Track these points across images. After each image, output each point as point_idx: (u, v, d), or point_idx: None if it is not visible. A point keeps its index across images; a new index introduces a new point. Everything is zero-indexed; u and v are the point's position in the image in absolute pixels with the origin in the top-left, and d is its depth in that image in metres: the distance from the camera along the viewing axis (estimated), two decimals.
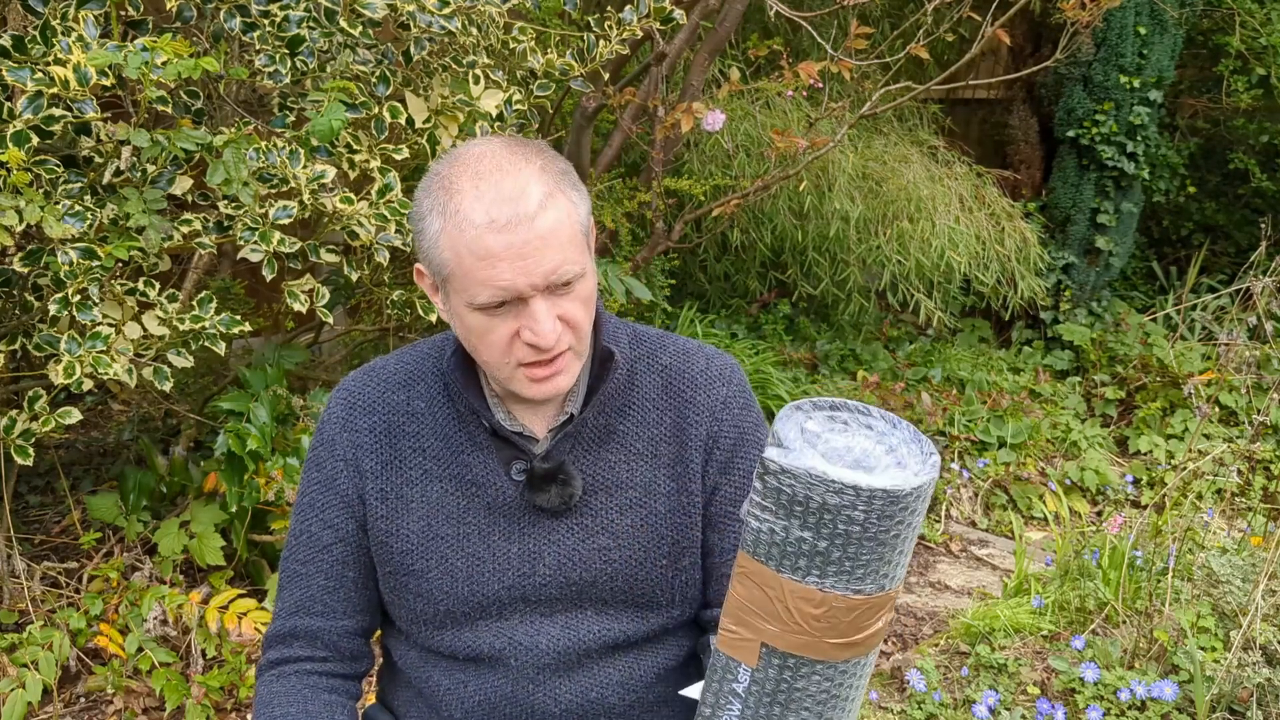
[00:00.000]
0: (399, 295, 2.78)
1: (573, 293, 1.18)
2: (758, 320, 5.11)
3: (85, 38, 2.13)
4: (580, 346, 1.23)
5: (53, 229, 2.09)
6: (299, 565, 1.35)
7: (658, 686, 1.35)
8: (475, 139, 1.23)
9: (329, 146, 2.43)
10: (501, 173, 1.14)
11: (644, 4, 2.79)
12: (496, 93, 2.64)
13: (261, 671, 1.36)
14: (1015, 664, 2.77)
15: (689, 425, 1.33)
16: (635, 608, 1.31)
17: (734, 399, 1.35)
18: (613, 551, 1.29)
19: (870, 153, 4.65)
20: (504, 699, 1.30)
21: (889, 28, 4.54)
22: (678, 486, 1.32)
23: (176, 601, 2.60)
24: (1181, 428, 4.64)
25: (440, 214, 1.15)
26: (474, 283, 1.14)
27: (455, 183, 1.15)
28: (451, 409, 1.30)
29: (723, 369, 1.36)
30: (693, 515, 1.33)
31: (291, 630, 1.35)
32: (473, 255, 1.13)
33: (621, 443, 1.31)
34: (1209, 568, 2.90)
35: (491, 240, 1.12)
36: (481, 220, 1.12)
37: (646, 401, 1.33)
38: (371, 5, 2.40)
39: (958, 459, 4.21)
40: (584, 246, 1.19)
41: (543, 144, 1.22)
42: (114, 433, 3.57)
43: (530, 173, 1.14)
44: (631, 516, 1.30)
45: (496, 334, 1.18)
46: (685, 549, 1.32)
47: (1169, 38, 5.30)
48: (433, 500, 1.29)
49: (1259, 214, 5.95)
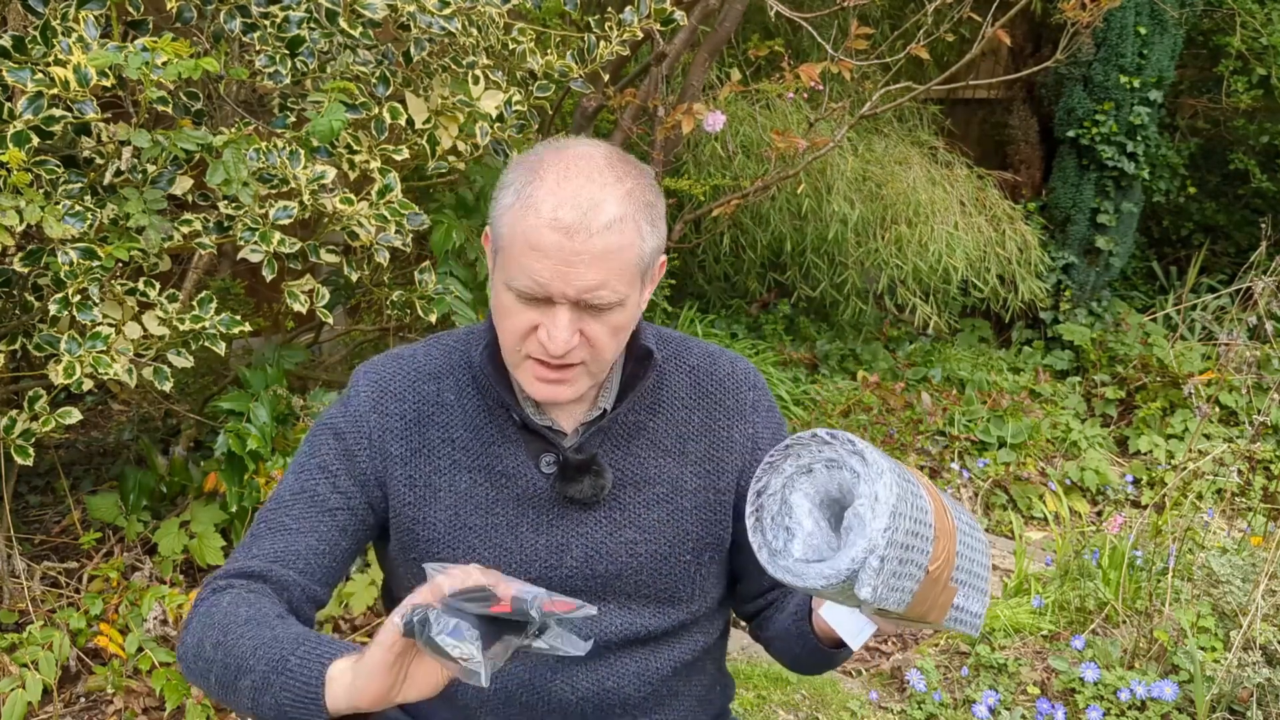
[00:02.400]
0: (399, 295, 2.78)
1: (604, 318, 1.19)
2: (757, 320, 5.11)
3: (85, 38, 2.13)
4: (595, 367, 1.23)
5: (53, 229, 2.09)
6: (291, 520, 1.29)
7: (673, 680, 1.37)
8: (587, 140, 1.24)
9: (329, 147, 2.43)
10: (587, 179, 1.15)
11: (644, 5, 2.79)
12: (496, 93, 2.64)
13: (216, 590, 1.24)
14: (1015, 664, 2.77)
15: (720, 426, 1.37)
16: (658, 602, 1.33)
17: (760, 402, 1.41)
18: (639, 545, 1.31)
19: (870, 155, 4.65)
20: (521, 686, 1.30)
21: (889, 28, 4.54)
22: (705, 484, 1.35)
23: (176, 601, 2.60)
24: (1181, 428, 4.64)
25: (516, 192, 1.17)
26: (516, 267, 1.16)
27: (542, 171, 1.17)
28: (481, 401, 1.31)
29: (746, 372, 1.41)
30: (720, 513, 1.36)
31: (261, 573, 1.25)
32: (526, 242, 1.15)
33: (650, 439, 1.34)
34: (1209, 568, 2.90)
35: (547, 236, 1.13)
36: (547, 214, 1.14)
37: (675, 400, 1.36)
38: (372, 6, 2.40)
39: (958, 459, 4.21)
40: (635, 279, 1.20)
41: (647, 170, 1.24)
42: (114, 433, 3.57)
43: (615, 192, 1.16)
44: (658, 511, 1.32)
45: (517, 320, 1.19)
46: (709, 545, 1.36)
47: (1169, 38, 5.30)
48: (461, 490, 1.30)
49: (1259, 214, 5.94)
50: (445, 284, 2.77)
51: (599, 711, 1.33)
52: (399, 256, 2.82)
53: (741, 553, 1.40)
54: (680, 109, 3.14)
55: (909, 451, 4.14)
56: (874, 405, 4.32)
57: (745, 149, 4.38)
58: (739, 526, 1.37)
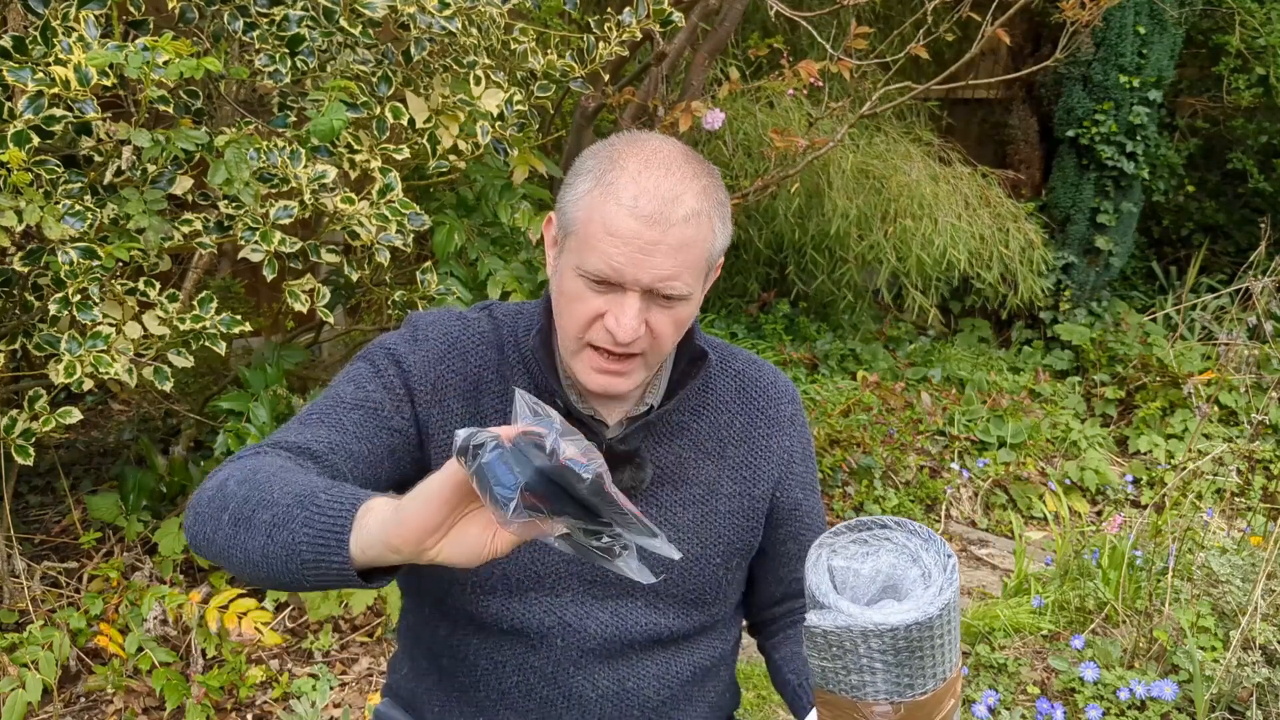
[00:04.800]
0: (400, 295, 2.78)
1: (670, 309, 1.19)
2: (757, 320, 5.11)
3: (86, 38, 2.13)
4: (653, 359, 1.24)
5: (52, 229, 2.09)
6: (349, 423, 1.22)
7: (690, 684, 1.37)
8: (659, 135, 1.24)
9: (329, 146, 2.43)
10: (667, 171, 1.16)
11: (643, 6, 2.79)
12: (497, 93, 2.64)
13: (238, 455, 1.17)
14: (1015, 664, 2.77)
15: (760, 435, 1.38)
16: (683, 604, 1.33)
17: (798, 416, 1.43)
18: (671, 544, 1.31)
19: (872, 150, 4.65)
20: (542, 680, 1.30)
21: (889, 28, 4.54)
22: (740, 490, 1.35)
23: (176, 601, 2.60)
24: (1181, 428, 4.64)
25: (595, 178, 1.17)
26: (591, 250, 1.16)
27: (623, 160, 1.17)
28: (529, 382, 1.31)
29: (787, 386, 1.43)
30: (753, 520, 1.37)
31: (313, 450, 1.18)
32: (603, 226, 1.15)
33: (692, 440, 1.34)
34: (1209, 567, 2.90)
35: (627, 222, 1.14)
36: (628, 200, 1.14)
37: (720, 404, 1.37)
38: (372, 5, 2.40)
39: (958, 459, 4.21)
40: (702, 275, 1.21)
41: (716, 169, 1.24)
42: (114, 433, 3.57)
43: (693, 187, 1.17)
44: (693, 512, 1.33)
45: (584, 305, 1.19)
46: (738, 551, 1.36)
47: (1168, 37, 5.30)
48: None
49: (1259, 213, 5.95)
50: (446, 284, 2.77)
51: (616, 711, 1.32)
52: (400, 256, 2.82)
53: (761, 560, 1.41)
54: (679, 107, 3.14)
55: (909, 451, 4.15)
56: (874, 405, 4.32)
57: (745, 148, 4.38)
58: (767, 535, 1.39)
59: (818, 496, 1.45)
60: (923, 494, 4.04)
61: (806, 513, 1.41)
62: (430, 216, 2.67)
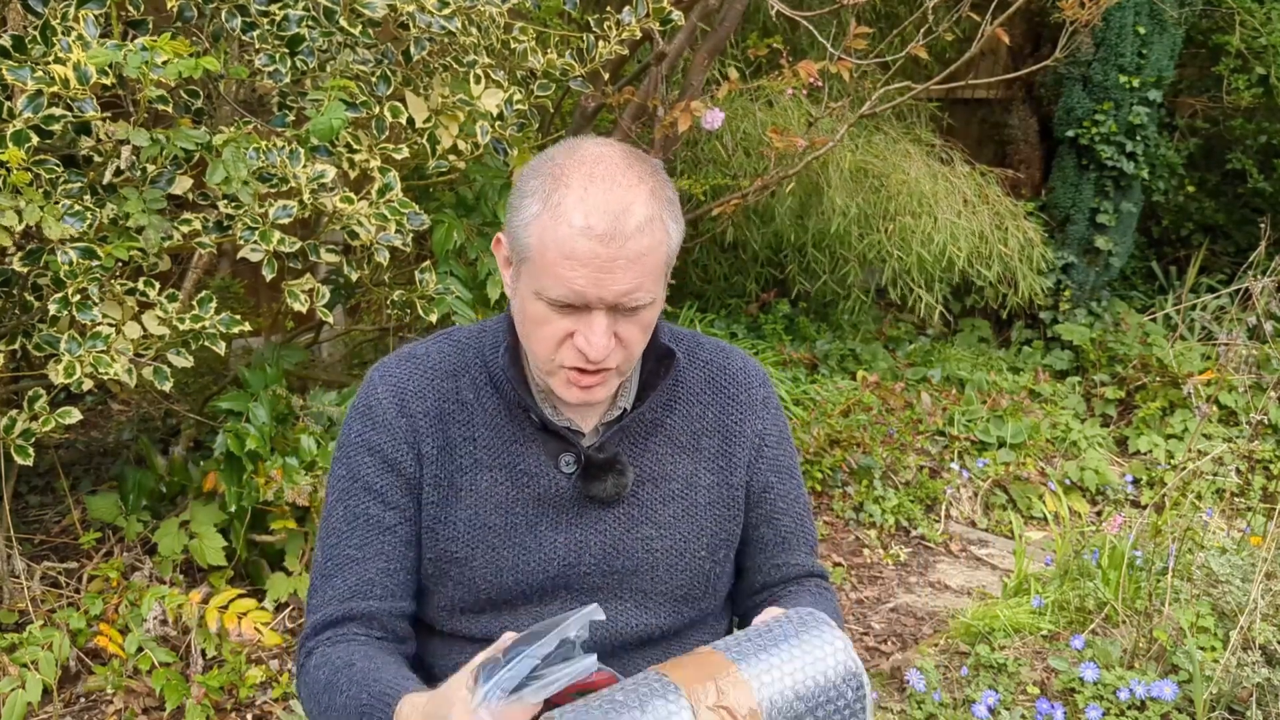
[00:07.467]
0: (399, 295, 2.77)
1: (636, 317, 1.19)
2: (757, 320, 5.11)
3: (85, 37, 2.13)
4: (625, 366, 1.24)
5: (52, 229, 2.09)
6: (354, 550, 1.29)
7: None
8: (596, 139, 1.23)
9: (329, 146, 2.43)
10: (613, 183, 1.15)
11: (643, 5, 2.79)
12: (497, 92, 2.64)
13: (309, 653, 1.29)
14: (1015, 664, 2.77)
15: (733, 421, 1.38)
16: (673, 600, 1.34)
17: (770, 399, 1.42)
18: (655, 541, 1.32)
19: (871, 149, 4.65)
20: None
21: (889, 27, 4.54)
22: (719, 480, 1.36)
23: (176, 601, 2.59)
24: (1181, 428, 4.64)
25: (542, 201, 1.16)
26: (549, 277, 1.15)
27: (566, 177, 1.15)
28: (499, 400, 1.31)
29: (756, 369, 1.43)
30: (733, 509, 1.37)
31: (347, 614, 1.28)
32: (559, 252, 1.14)
33: (667, 436, 1.35)
34: (1208, 567, 2.90)
35: (582, 245, 1.13)
36: (579, 223, 1.13)
37: (691, 396, 1.37)
38: (371, 5, 2.40)
39: (958, 459, 4.21)
40: (662, 277, 1.21)
41: (657, 164, 1.23)
42: (114, 433, 3.57)
43: (641, 193, 1.15)
44: (674, 507, 1.33)
45: (551, 329, 1.19)
46: (722, 542, 1.37)
47: (1168, 37, 5.30)
48: (481, 490, 1.30)
49: (1258, 213, 5.94)
50: (446, 284, 2.77)
51: None
52: (399, 256, 2.81)
53: (740, 548, 1.41)
54: (679, 107, 3.14)
55: (909, 451, 4.15)
56: (874, 405, 4.32)
57: (745, 148, 4.38)
58: (746, 521, 1.39)
59: (797, 482, 1.44)
60: (922, 494, 4.04)
61: (780, 496, 1.40)
62: (429, 216, 2.67)
